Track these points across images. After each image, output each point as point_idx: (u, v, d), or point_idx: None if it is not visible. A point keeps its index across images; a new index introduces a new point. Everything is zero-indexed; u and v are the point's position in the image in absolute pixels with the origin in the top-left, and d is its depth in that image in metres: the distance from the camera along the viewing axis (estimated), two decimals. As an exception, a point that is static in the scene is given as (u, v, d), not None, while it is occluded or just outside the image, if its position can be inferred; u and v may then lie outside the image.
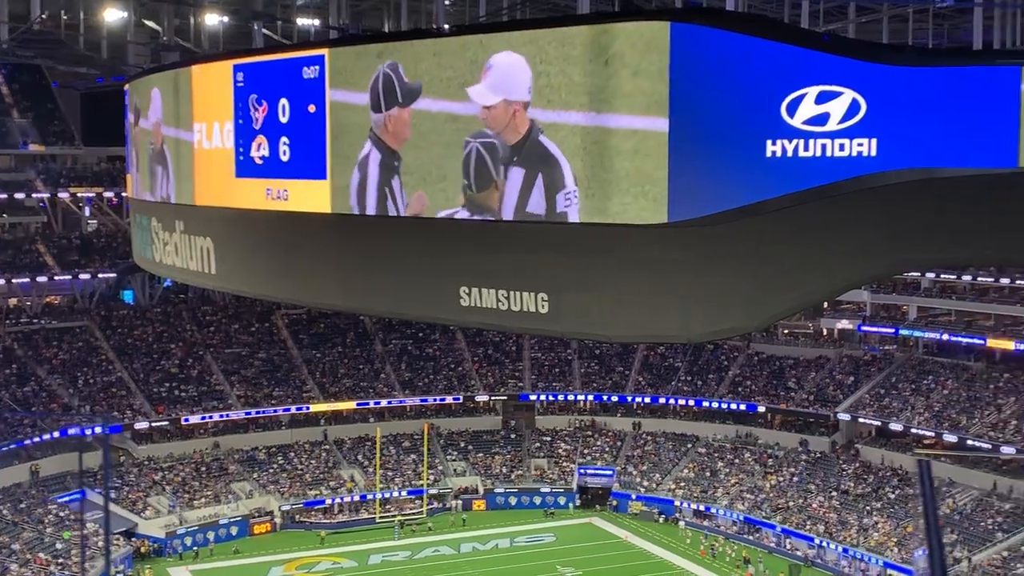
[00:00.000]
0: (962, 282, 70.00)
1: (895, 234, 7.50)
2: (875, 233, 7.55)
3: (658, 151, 8.08)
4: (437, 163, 9.92)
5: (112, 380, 69.38)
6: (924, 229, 7.41)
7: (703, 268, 8.38)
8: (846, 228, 7.63)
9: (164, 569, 58.43)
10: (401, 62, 10.22)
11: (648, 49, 8.06)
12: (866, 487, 64.41)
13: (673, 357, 78.17)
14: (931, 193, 7.19)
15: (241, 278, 14.06)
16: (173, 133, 14.61)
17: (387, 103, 10.42)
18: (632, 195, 8.36)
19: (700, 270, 8.40)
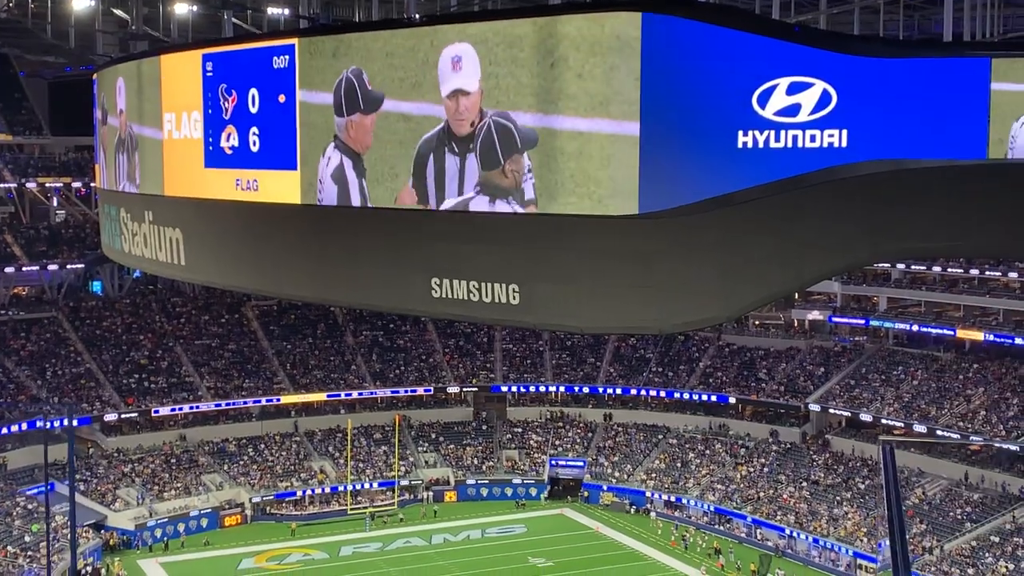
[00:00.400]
0: (932, 273, 70.49)
1: (866, 225, 7.50)
2: (846, 224, 7.56)
3: (625, 146, 8.05)
4: (392, 162, 9.93)
5: (81, 371, 68.89)
6: (895, 220, 7.42)
7: (674, 259, 8.37)
8: (817, 219, 7.63)
9: (134, 561, 58.11)
10: (363, 67, 10.22)
11: (617, 41, 8.03)
12: (836, 477, 64.80)
13: (644, 348, 78.36)
14: (901, 184, 7.19)
15: (211, 269, 13.97)
16: (139, 124, 14.48)
17: (349, 109, 10.44)
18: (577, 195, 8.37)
19: (671, 261, 8.39)
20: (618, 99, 8.15)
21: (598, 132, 8.27)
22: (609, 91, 8.15)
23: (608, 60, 8.10)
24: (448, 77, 9.47)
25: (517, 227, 9.07)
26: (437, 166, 9.71)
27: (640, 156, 8.09)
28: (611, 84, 8.13)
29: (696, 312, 8.58)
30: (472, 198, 9.35)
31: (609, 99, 8.17)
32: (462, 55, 9.22)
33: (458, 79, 9.36)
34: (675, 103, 7.91)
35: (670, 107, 7.94)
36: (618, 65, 8.05)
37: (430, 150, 9.77)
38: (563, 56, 8.32)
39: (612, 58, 8.07)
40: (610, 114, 8.20)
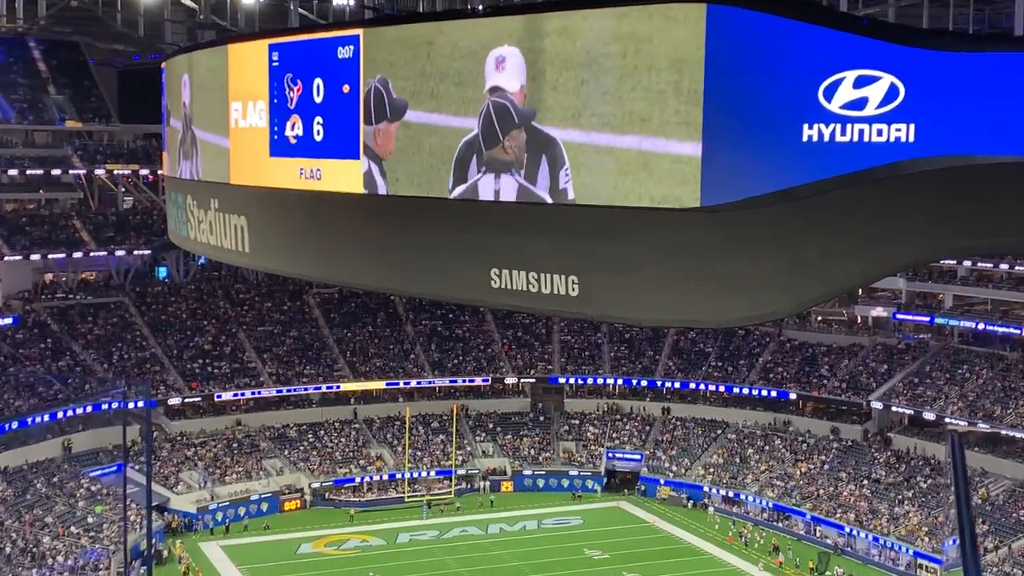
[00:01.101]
0: (999, 271, 69.35)
1: (932, 221, 7.41)
2: (912, 220, 7.46)
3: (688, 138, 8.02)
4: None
5: (146, 356, 69.93)
6: (962, 216, 7.31)
7: (737, 253, 8.31)
8: (883, 214, 7.54)
9: (195, 544, 58.95)
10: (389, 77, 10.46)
11: (683, 33, 7.99)
12: (898, 476, 64.05)
13: (704, 342, 77.90)
14: (969, 181, 7.09)
15: (274, 257, 14.11)
16: (205, 114, 14.66)
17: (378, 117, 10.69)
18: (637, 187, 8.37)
19: (734, 255, 8.33)
20: (672, 84, 8.12)
21: (662, 121, 8.24)
22: (673, 84, 8.11)
23: (672, 53, 8.07)
24: (491, 76, 9.54)
25: (577, 218, 9.07)
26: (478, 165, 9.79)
27: (703, 148, 8.05)
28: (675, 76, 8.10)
29: (757, 307, 8.51)
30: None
31: (673, 91, 8.14)
32: (506, 56, 9.32)
33: (501, 79, 9.43)
34: (739, 95, 7.86)
35: (734, 99, 7.88)
36: (682, 58, 8.01)
37: (472, 152, 9.84)
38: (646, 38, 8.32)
39: (676, 51, 8.03)
40: (663, 98, 8.17)
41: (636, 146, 8.39)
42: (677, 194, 8.19)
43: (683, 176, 8.11)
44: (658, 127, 8.23)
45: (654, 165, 8.29)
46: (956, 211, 7.36)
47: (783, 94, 7.65)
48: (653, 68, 8.20)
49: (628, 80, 8.39)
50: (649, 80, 8.24)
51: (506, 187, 9.54)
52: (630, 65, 8.36)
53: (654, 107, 8.24)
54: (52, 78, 73.98)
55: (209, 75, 14.49)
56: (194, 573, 54.68)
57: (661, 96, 8.17)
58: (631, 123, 8.40)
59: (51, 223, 71.62)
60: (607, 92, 8.55)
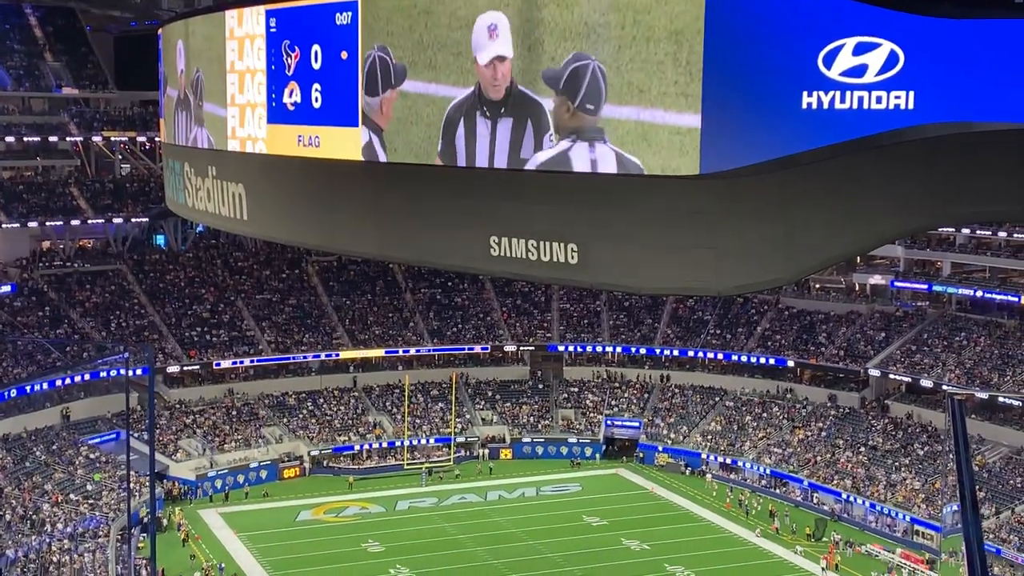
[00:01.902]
0: (997, 238, 69.32)
1: (932, 188, 7.40)
2: (912, 187, 7.45)
3: (687, 106, 7.99)
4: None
5: (144, 324, 69.99)
6: (961, 184, 7.30)
7: (735, 220, 8.31)
8: (882, 182, 7.53)
9: (195, 511, 59.22)
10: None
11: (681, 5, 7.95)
12: (895, 443, 64.29)
13: (702, 310, 77.99)
14: (968, 148, 7.07)
15: (272, 224, 14.10)
16: (204, 79, 14.60)
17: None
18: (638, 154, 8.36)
19: (732, 222, 8.33)
20: (670, 55, 8.09)
21: (660, 92, 8.22)
22: (672, 54, 8.09)
23: (670, 24, 8.03)
24: (485, 44, 9.51)
25: (576, 186, 9.06)
26: (468, 130, 9.77)
27: (703, 116, 8.03)
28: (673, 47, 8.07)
29: (756, 274, 8.52)
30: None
31: (672, 62, 8.11)
32: (497, 23, 9.31)
33: (496, 46, 9.40)
34: (739, 65, 7.83)
35: (733, 69, 7.86)
36: (680, 29, 7.98)
37: (460, 115, 9.83)
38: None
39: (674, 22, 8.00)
40: (662, 69, 8.14)
41: (635, 117, 8.38)
42: (676, 165, 8.18)
43: (682, 147, 8.10)
44: (657, 98, 8.20)
45: (652, 136, 8.27)
46: (955, 178, 7.35)
47: (782, 62, 7.62)
48: (651, 39, 8.17)
49: (626, 51, 8.35)
50: (648, 51, 8.21)
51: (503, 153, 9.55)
52: (628, 36, 8.33)
53: (652, 78, 8.21)
54: (48, 45, 73.65)
55: (206, 41, 14.43)
56: (193, 540, 54.96)
57: (660, 67, 8.15)
58: (629, 94, 8.38)
59: (48, 190, 71.49)
60: (605, 63, 8.52)
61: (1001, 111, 6.91)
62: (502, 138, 9.47)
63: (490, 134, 9.57)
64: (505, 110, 9.38)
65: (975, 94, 6.98)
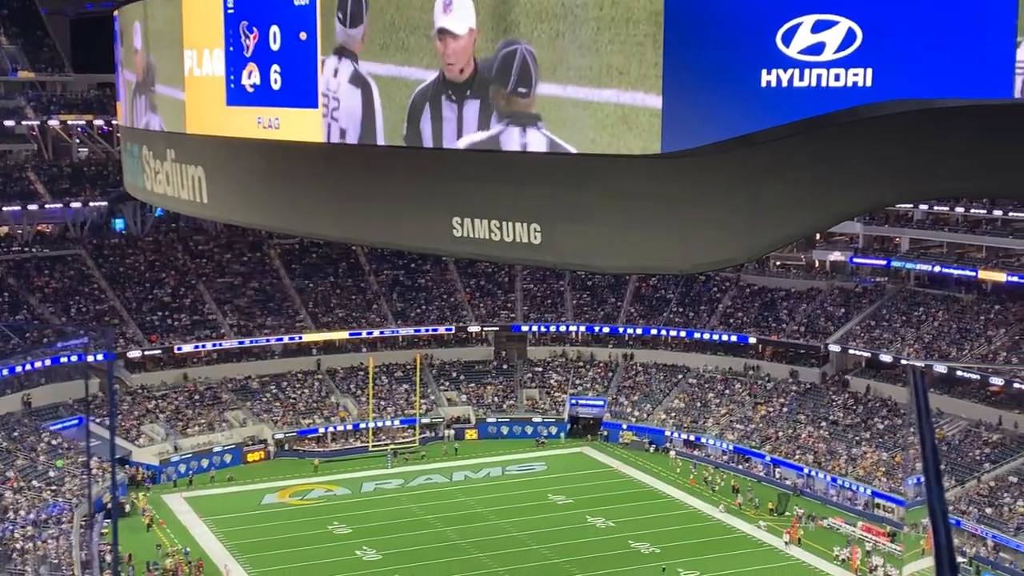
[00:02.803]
0: (955, 214, 70.02)
1: (890, 165, 7.45)
2: (870, 164, 7.50)
3: (648, 84, 8.00)
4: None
5: (104, 309, 69.43)
6: (919, 161, 7.35)
7: (697, 199, 8.34)
8: (842, 159, 7.58)
9: (158, 496, 58.95)
10: None
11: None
12: (855, 417, 64.95)
13: (665, 289, 78.34)
14: (926, 124, 7.12)
15: (233, 207, 14.00)
16: (160, 62, 14.46)
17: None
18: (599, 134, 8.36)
19: (694, 201, 8.36)
20: (640, 36, 8.09)
21: (629, 70, 8.22)
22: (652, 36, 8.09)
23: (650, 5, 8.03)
24: (438, 18, 9.47)
25: (538, 166, 9.06)
26: (434, 115, 9.74)
27: (663, 95, 8.05)
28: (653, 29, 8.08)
29: (717, 252, 8.55)
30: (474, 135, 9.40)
31: (631, 36, 8.12)
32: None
33: (445, 21, 9.35)
34: (698, 41, 7.85)
35: (693, 45, 7.87)
36: (659, 10, 7.98)
37: (425, 101, 9.78)
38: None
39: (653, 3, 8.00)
40: (642, 51, 8.14)
41: (615, 100, 8.37)
42: (637, 141, 8.20)
43: (643, 127, 8.11)
44: (636, 80, 8.20)
45: (633, 119, 8.27)
46: (912, 155, 7.40)
47: (742, 39, 7.64)
48: (631, 20, 8.16)
49: (606, 32, 8.34)
50: (627, 32, 8.20)
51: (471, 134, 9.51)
52: (607, 17, 8.32)
53: (632, 60, 8.21)
54: (3, 28, 72.67)
55: (163, 23, 14.29)
56: (157, 525, 54.73)
57: (640, 48, 8.14)
58: (609, 76, 8.38)
59: (5, 175, 70.64)
60: (584, 44, 8.51)
61: (959, 87, 6.96)
62: (469, 121, 9.42)
63: (457, 117, 9.52)
64: (471, 92, 9.32)
65: (933, 70, 7.03)
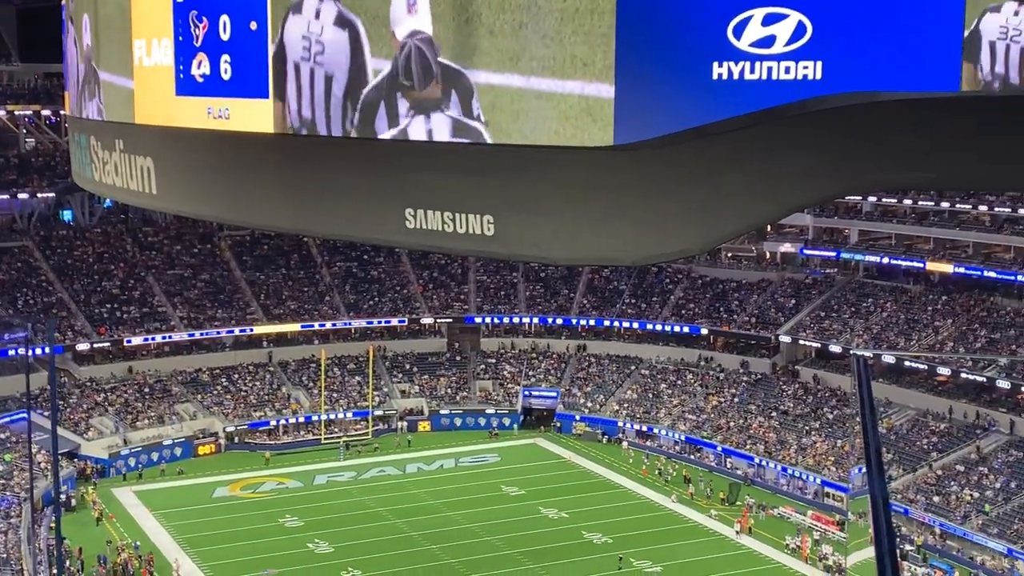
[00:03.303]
0: (903, 206, 70.85)
1: (840, 158, 7.51)
2: (820, 156, 7.56)
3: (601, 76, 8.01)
4: None
5: (52, 301, 68.58)
6: (868, 153, 7.42)
7: (649, 191, 8.37)
8: (791, 151, 7.62)
9: (108, 490, 58.36)
10: None
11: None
12: (805, 407, 65.56)
13: (618, 280, 78.63)
14: (875, 117, 7.18)
15: (183, 198, 13.86)
16: (108, 52, 14.30)
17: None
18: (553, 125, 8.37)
19: (646, 193, 8.39)
20: (593, 28, 8.10)
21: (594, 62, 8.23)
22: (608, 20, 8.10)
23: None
24: (403, 19, 9.39)
25: (492, 157, 9.04)
26: (389, 112, 9.67)
27: (616, 86, 8.06)
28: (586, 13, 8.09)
29: (669, 244, 8.58)
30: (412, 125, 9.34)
31: (584, 28, 8.13)
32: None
33: (414, 22, 9.28)
34: (651, 33, 7.87)
35: (646, 37, 7.89)
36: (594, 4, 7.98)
37: (380, 97, 9.73)
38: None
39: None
40: (586, 43, 8.15)
41: (579, 91, 8.37)
42: (590, 133, 8.21)
43: (595, 118, 8.12)
44: (601, 71, 8.21)
45: (597, 111, 8.28)
46: (862, 147, 7.47)
47: (694, 32, 7.67)
48: (595, 11, 8.17)
49: (569, 23, 8.34)
50: (591, 23, 8.20)
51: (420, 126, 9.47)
52: (571, 8, 8.32)
53: (596, 51, 8.21)
54: (-54, 16, 71.49)
55: (111, 12, 14.12)
56: (107, 519, 54.19)
57: (604, 40, 8.15)
58: (573, 67, 8.38)
59: (-51, 166, 69.57)
60: (547, 35, 8.50)
61: (906, 80, 7.03)
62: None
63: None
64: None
65: (882, 63, 7.09)
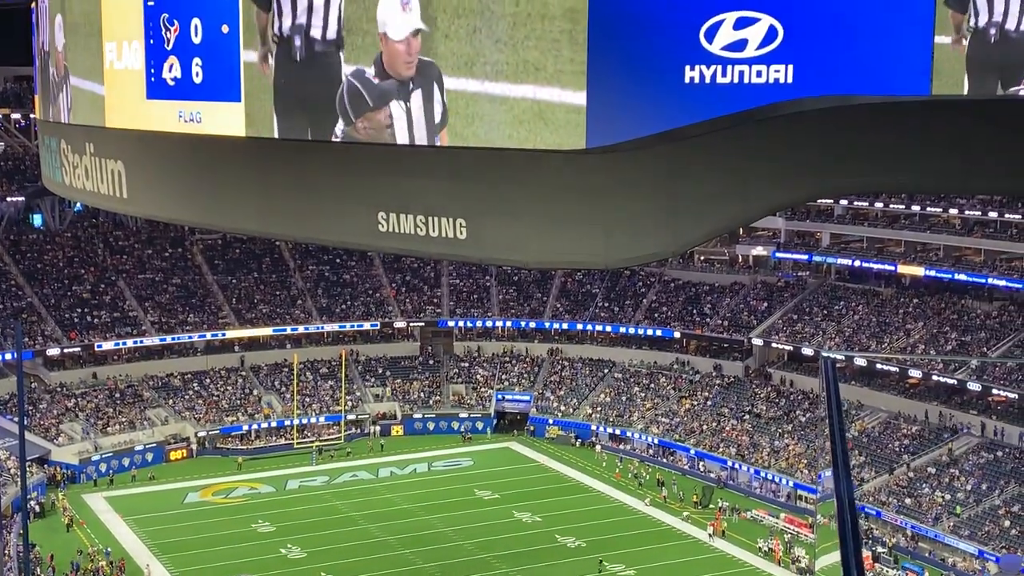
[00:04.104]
0: (874, 209, 71.25)
1: (810, 161, 7.56)
2: (791, 160, 7.61)
3: (573, 79, 8.03)
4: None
5: (22, 306, 68.05)
6: (839, 156, 7.47)
7: (621, 194, 8.40)
8: (763, 155, 7.67)
9: (78, 496, 57.93)
10: None
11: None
12: (778, 410, 65.83)
13: (591, 283, 78.74)
14: (845, 120, 7.23)
15: (154, 202, 13.82)
16: (78, 55, 14.22)
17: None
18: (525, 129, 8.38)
19: (618, 196, 8.42)
20: (566, 32, 8.13)
21: (545, 66, 8.25)
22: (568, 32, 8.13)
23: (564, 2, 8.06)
24: (397, 17, 9.37)
25: (463, 160, 9.05)
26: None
27: (588, 91, 8.08)
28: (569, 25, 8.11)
29: (642, 247, 8.62)
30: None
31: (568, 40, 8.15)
32: None
33: (413, 20, 9.25)
34: (623, 37, 7.90)
35: (618, 41, 7.92)
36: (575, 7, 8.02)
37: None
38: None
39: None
40: (558, 47, 8.17)
41: (531, 95, 8.39)
42: (562, 136, 8.23)
43: (578, 125, 8.15)
44: (552, 76, 8.23)
45: (549, 115, 8.30)
46: (833, 151, 7.52)
47: (665, 36, 7.70)
48: (547, 16, 8.19)
49: (522, 28, 8.36)
50: (543, 28, 8.23)
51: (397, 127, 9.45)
52: (523, 13, 8.34)
53: (548, 56, 8.24)
54: (-87, 18, 70.79)
55: (81, 15, 14.04)
56: (78, 525, 53.81)
57: (555, 45, 8.17)
58: (525, 72, 8.40)
59: (-83, 170, 68.92)
60: (500, 40, 8.51)
61: (876, 84, 7.08)
62: (417, 116, 9.35)
63: (406, 114, 9.45)
64: (413, 85, 9.26)
65: (852, 67, 7.14)
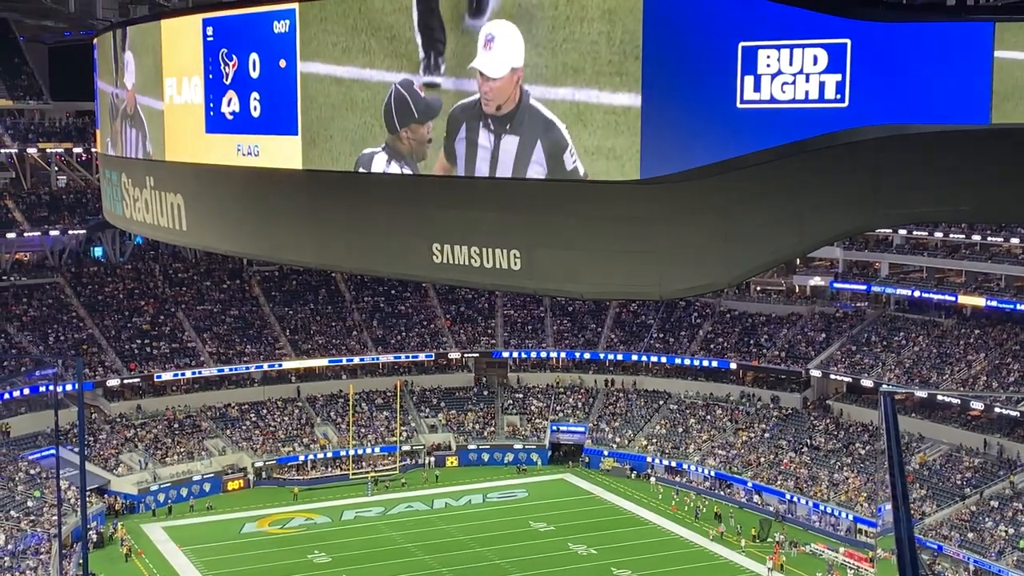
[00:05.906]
0: (934, 238, 70.34)
1: (868, 190, 7.49)
2: (848, 189, 7.54)
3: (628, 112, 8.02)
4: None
5: (83, 337, 68.99)
6: (897, 185, 7.40)
7: (676, 224, 8.36)
8: (820, 183, 7.61)
9: (137, 526, 58.44)
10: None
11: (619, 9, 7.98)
12: (836, 443, 64.99)
13: (645, 314, 78.38)
14: (904, 149, 7.16)
15: (212, 234, 13.97)
16: (140, 91, 14.44)
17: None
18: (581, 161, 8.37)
19: (673, 226, 8.38)
20: (614, 41, 8.13)
21: (599, 101, 8.25)
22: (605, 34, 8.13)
23: (611, 26, 8.07)
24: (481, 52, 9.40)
25: (519, 192, 9.06)
26: (470, 138, 9.65)
27: (642, 121, 8.07)
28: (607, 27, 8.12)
29: (697, 278, 8.58)
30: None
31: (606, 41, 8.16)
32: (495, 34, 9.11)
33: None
34: (676, 68, 7.88)
35: (671, 72, 7.91)
36: (613, 8, 8.02)
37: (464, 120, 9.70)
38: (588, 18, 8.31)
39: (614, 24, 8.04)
40: (613, 81, 8.18)
41: (570, 97, 8.40)
42: (617, 167, 8.21)
43: (617, 127, 8.13)
44: (591, 78, 8.23)
45: (588, 116, 8.30)
46: (891, 180, 7.44)
47: (719, 65, 7.68)
48: (585, 19, 8.21)
49: (560, 31, 8.38)
50: (581, 31, 8.25)
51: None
52: (562, 16, 8.36)
53: (586, 58, 8.24)
54: (-20, 56, 72.43)
55: (142, 51, 14.27)
56: (136, 555, 54.25)
57: (594, 47, 8.18)
58: (564, 74, 8.41)
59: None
60: (539, 43, 8.53)
61: (934, 113, 7.01)
62: (505, 156, 9.33)
63: (492, 148, 9.46)
64: (511, 126, 9.16)
65: (909, 97, 7.07)
